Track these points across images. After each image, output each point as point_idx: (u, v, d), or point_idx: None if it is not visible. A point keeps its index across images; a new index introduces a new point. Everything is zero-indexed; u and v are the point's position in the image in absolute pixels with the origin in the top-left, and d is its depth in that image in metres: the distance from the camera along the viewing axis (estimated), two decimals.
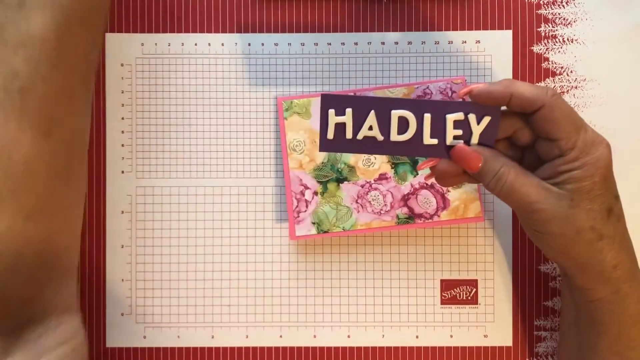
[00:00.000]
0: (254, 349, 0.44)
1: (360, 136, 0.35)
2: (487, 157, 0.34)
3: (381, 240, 0.44)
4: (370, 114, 0.34)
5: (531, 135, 0.35)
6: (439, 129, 0.35)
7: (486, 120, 0.34)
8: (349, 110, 0.35)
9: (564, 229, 0.34)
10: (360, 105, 0.35)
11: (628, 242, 0.36)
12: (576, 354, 0.39)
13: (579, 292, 0.37)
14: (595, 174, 0.33)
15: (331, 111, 0.35)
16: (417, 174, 0.43)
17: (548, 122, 0.33)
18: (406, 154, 0.36)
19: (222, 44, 0.45)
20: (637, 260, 0.36)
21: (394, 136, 0.35)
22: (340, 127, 0.35)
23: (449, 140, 0.35)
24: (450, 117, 0.34)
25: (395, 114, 0.35)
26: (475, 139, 0.35)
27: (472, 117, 0.34)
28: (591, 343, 0.37)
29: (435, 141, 0.35)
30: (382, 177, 0.43)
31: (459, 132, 0.35)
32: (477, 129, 0.35)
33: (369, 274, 0.44)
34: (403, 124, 0.35)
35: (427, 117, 0.35)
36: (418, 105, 0.35)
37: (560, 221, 0.33)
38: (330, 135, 0.35)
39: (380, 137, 0.35)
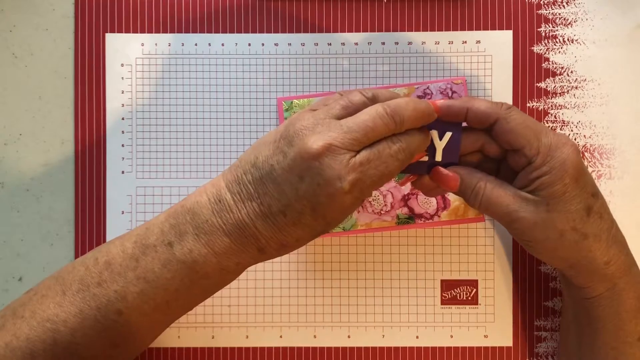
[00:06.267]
0: (254, 349, 0.44)
1: None
2: (462, 175, 0.35)
3: (381, 241, 0.44)
4: None
5: (499, 149, 0.36)
6: None
7: (448, 136, 0.35)
8: None
9: (547, 234, 0.34)
10: None
11: (617, 237, 0.36)
12: (576, 352, 0.39)
13: (577, 290, 0.37)
14: (564, 176, 0.33)
15: None
16: None
17: (506, 134, 0.34)
18: None
19: (222, 44, 0.45)
20: (631, 254, 0.36)
21: None
22: None
23: None
24: None
25: None
26: (438, 155, 0.35)
27: (434, 133, 0.35)
28: (590, 340, 0.37)
29: None
30: None
31: None
32: (439, 145, 0.35)
33: (369, 274, 0.44)
34: None
35: None
36: None
37: (541, 227, 0.34)
38: None
39: None
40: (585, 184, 0.34)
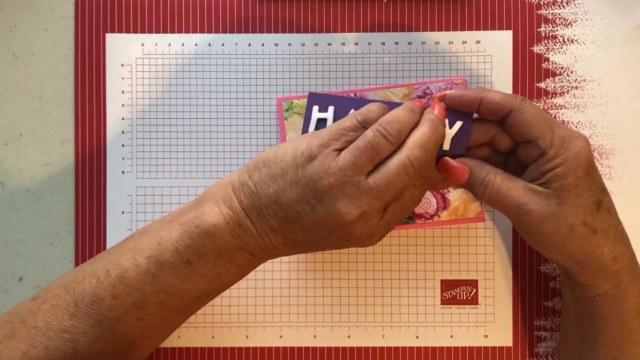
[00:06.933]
0: (254, 349, 0.44)
1: None
2: (472, 167, 0.35)
3: (381, 240, 0.44)
4: (350, 113, 0.35)
5: (510, 141, 0.36)
6: None
7: (458, 125, 0.35)
8: (331, 108, 0.36)
9: (557, 228, 0.34)
10: (342, 104, 0.36)
11: (623, 234, 0.36)
12: (577, 352, 0.39)
13: (581, 288, 0.37)
14: (577, 169, 0.33)
15: (315, 107, 0.36)
16: None
17: (520, 124, 0.34)
18: None
19: (222, 44, 0.45)
20: (634, 253, 0.36)
21: None
22: (322, 123, 0.37)
23: None
24: None
25: None
26: (447, 143, 0.35)
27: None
28: (592, 339, 0.37)
29: None
30: None
31: None
32: (449, 133, 0.35)
33: (369, 274, 0.44)
34: None
35: None
36: (395, 107, 0.35)
37: (551, 220, 0.34)
38: (311, 129, 0.36)
39: None
40: (595, 179, 0.34)
